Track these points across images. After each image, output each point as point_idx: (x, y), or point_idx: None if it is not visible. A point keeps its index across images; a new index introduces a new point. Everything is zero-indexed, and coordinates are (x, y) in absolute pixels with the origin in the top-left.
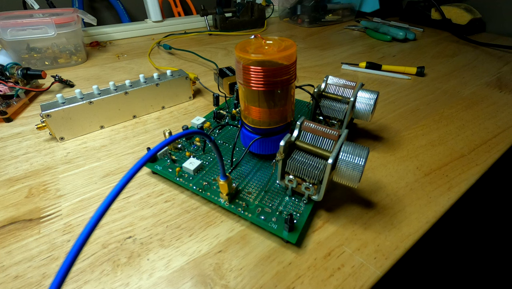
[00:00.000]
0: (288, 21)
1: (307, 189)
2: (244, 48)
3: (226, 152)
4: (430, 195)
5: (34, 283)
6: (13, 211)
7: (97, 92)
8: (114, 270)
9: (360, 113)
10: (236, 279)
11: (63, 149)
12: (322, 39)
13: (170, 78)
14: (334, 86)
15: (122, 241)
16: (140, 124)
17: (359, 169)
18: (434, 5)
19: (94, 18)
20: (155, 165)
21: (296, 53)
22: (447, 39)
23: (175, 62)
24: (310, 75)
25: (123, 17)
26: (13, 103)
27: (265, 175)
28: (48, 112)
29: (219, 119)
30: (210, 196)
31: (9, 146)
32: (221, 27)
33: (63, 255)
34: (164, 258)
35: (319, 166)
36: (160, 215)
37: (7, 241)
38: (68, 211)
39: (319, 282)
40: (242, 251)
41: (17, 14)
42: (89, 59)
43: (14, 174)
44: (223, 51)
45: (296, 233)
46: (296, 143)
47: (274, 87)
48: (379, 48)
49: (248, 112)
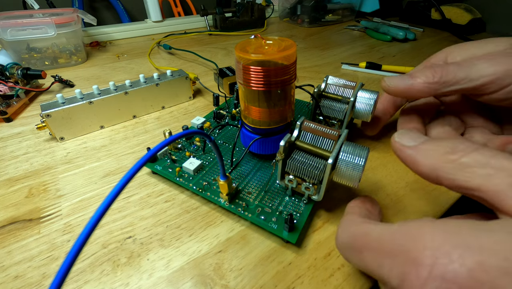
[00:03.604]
0: (288, 21)
1: (307, 189)
2: (244, 48)
3: (226, 152)
4: (431, 195)
5: (34, 283)
6: (13, 211)
7: (97, 92)
8: (114, 270)
9: (360, 113)
10: (236, 279)
11: (63, 149)
12: (322, 39)
13: (170, 78)
14: (334, 86)
15: (122, 241)
16: (140, 124)
17: (359, 169)
18: (434, 5)
19: (94, 18)
20: (155, 165)
21: (296, 53)
22: (447, 39)
23: (175, 62)
24: (310, 75)
25: (123, 17)
26: (13, 103)
27: (265, 175)
28: (48, 112)
29: (219, 119)
30: (210, 196)
31: (9, 146)
32: (221, 27)
33: (63, 255)
34: (164, 258)
35: (319, 166)
36: (160, 215)
37: (7, 241)
38: (68, 211)
39: (319, 282)
40: (242, 251)
41: (17, 14)
42: (89, 59)
43: (14, 174)
44: (223, 51)
45: (296, 233)
46: (296, 144)
47: (274, 87)
48: (379, 48)
49: (248, 112)
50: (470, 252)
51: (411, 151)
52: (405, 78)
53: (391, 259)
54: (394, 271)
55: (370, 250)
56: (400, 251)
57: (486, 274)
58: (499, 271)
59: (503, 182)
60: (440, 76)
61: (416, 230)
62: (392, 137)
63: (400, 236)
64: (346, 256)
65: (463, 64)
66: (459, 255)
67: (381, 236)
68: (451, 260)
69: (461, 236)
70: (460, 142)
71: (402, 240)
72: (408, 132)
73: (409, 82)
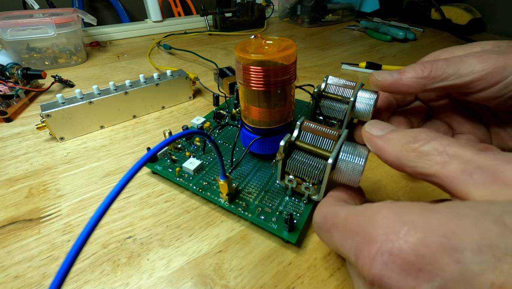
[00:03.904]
0: (288, 21)
1: (307, 189)
2: (244, 48)
3: (226, 152)
4: (431, 195)
5: (34, 283)
6: (13, 211)
7: (97, 92)
8: (114, 270)
9: (360, 113)
10: (236, 279)
11: (63, 149)
12: (322, 39)
13: (170, 78)
14: (334, 86)
15: (122, 241)
16: (140, 124)
17: (359, 169)
18: (434, 5)
19: (94, 18)
20: (155, 165)
21: (296, 53)
22: (447, 39)
23: (175, 62)
24: (310, 75)
25: (123, 17)
26: (13, 103)
27: (265, 175)
28: (48, 112)
29: (219, 119)
30: (210, 196)
31: (9, 146)
32: (221, 27)
33: (63, 255)
34: (164, 258)
35: (319, 166)
36: (160, 215)
37: (7, 241)
38: (68, 211)
39: (319, 282)
40: (242, 251)
41: (17, 14)
42: (89, 59)
43: (14, 174)
44: (223, 51)
45: (296, 233)
46: (296, 144)
47: (274, 87)
48: (379, 48)
49: (248, 112)
50: (415, 229)
51: (378, 139)
52: (394, 73)
53: (352, 237)
54: (352, 248)
55: (337, 230)
56: (359, 230)
57: (426, 249)
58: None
59: (456, 168)
60: (429, 71)
61: (375, 211)
62: (363, 127)
63: (361, 217)
64: (319, 235)
65: (452, 60)
66: (406, 232)
67: (347, 217)
68: (398, 236)
69: (410, 216)
70: (422, 132)
71: (362, 220)
72: (378, 123)
73: (397, 77)
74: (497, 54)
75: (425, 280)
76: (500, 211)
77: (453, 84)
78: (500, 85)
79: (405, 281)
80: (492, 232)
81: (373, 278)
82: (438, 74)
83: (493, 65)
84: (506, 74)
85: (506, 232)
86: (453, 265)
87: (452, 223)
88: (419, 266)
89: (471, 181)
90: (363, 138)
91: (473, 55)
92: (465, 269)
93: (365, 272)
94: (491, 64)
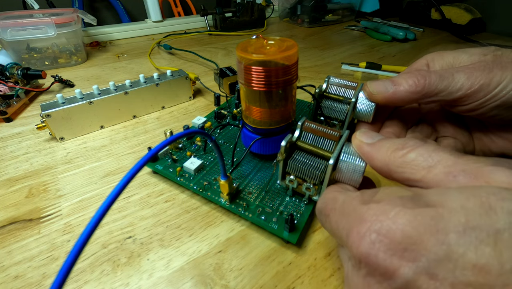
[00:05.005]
0: (288, 21)
1: (308, 190)
2: (245, 48)
3: (227, 152)
4: None
5: (34, 283)
6: (13, 211)
7: (97, 92)
8: (114, 270)
9: (362, 114)
10: (236, 279)
11: (63, 149)
12: (322, 39)
13: (170, 78)
14: (335, 86)
15: (122, 241)
16: (140, 124)
17: (360, 170)
18: (434, 5)
19: (94, 18)
20: (156, 165)
21: (297, 54)
22: (447, 39)
23: (175, 62)
24: (310, 75)
25: (123, 17)
26: (13, 103)
27: (266, 175)
28: (48, 112)
29: (220, 119)
30: (211, 196)
31: (9, 146)
32: (221, 27)
33: (63, 255)
34: (164, 258)
35: (320, 166)
36: (160, 215)
37: (7, 241)
38: (68, 211)
39: (319, 282)
40: (242, 251)
41: (17, 14)
42: (89, 59)
43: (14, 174)
44: (223, 51)
45: (297, 233)
46: (297, 144)
47: (275, 88)
48: (379, 48)
49: (249, 113)
50: (404, 211)
51: (368, 146)
52: (388, 84)
53: (346, 219)
54: (345, 229)
55: (334, 213)
56: (353, 212)
57: (414, 230)
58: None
59: (441, 172)
60: (422, 87)
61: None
62: (353, 134)
63: (356, 201)
64: (320, 220)
65: (445, 76)
66: (395, 213)
67: (344, 201)
68: (387, 217)
69: (401, 199)
70: (409, 140)
71: (357, 204)
72: (368, 132)
73: (391, 90)
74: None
75: (410, 260)
76: (486, 193)
77: (443, 100)
78: (483, 100)
79: (391, 260)
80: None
81: (360, 256)
82: (431, 90)
83: (479, 82)
84: (490, 90)
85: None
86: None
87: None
88: (405, 246)
89: (455, 183)
90: (353, 144)
91: (462, 71)
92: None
93: (354, 251)
94: (478, 82)
